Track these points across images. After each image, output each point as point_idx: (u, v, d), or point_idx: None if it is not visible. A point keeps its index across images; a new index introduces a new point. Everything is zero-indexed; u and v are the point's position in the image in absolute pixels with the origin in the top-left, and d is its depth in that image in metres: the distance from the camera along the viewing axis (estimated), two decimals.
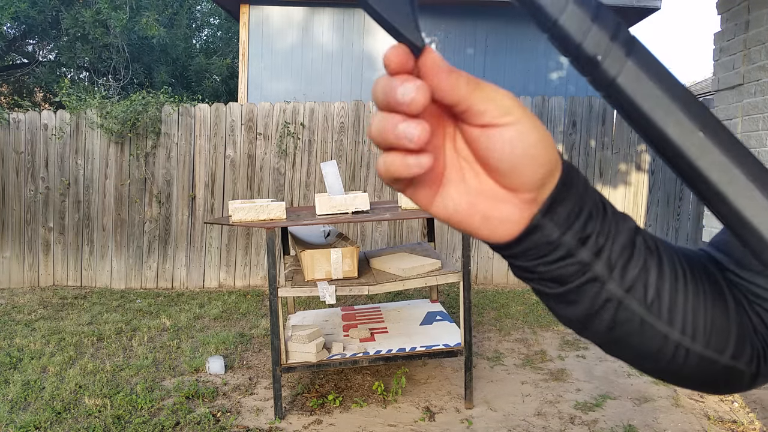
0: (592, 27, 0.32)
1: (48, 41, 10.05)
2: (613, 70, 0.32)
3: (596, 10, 0.33)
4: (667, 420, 3.04)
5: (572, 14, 0.32)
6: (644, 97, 0.32)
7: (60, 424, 3.02)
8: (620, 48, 0.32)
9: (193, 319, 4.91)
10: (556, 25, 0.33)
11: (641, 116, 0.33)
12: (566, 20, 0.32)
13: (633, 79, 0.32)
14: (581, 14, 0.32)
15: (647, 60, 0.33)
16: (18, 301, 5.49)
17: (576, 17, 0.32)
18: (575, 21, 0.32)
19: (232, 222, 3.00)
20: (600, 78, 0.33)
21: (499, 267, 6.07)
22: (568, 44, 0.33)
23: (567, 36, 0.33)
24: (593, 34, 0.32)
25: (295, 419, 3.08)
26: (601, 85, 0.33)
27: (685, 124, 0.32)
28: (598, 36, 0.32)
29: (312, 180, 5.99)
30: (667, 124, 0.32)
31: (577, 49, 0.33)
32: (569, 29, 0.32)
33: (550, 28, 0.33)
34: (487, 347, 4.15)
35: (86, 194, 5.98)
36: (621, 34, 0.33)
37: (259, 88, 7.22)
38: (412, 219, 5.89)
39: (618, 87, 0.32)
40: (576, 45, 0.33)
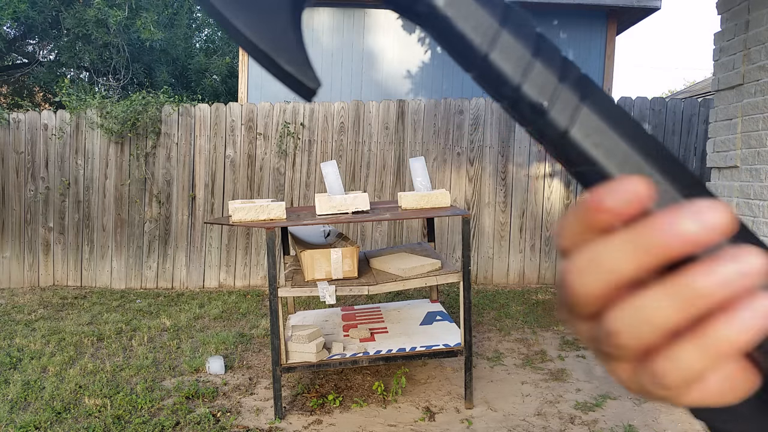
0: (534, 63, 0.26)
1: (48, 41, 10.05)
2: (565, 119, 0.26)
3: (537, 41, 0.27)
4: (667, 420, 3.04)
5: (506, 47, 0.27)
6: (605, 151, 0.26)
7: (60, 424, 3.02)
8: (571, 90, 0.27)
9: (193, 319, 4.91)
10: (486, 60, 0.27)
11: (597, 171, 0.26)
12: (499, 55, 0.26)
13: (590, 129, 0.26)
14: (517, 47, 0.26)
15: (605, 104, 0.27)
16: (18, 301, 5.49)
17: (512, 51, 0.26)
18: (511, 56, 0.26)
19: (232, 222, 3.00)
20: (546, 129, 0.27)
21: (499, 267, 6.07)
22: (504, 85, 0.27)
23: (500, 74, 0.27)
24: (536, 73, 0.26)
25: (295, 419, 3.08)
26: (547, 138, 0.27)
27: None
28: (543, 75, 0.26)
29: (312, 180, 5.99)
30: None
31: (516, 92, 0.27)
32: (503, 66, 0.26)
33: (480, 63, 0.27)
34: (487, 347, 4.15)
35: (86, 194, 5.98)
36: (570, 72, 0.27)
37: (259, 88, 7.22)
38: (412, 219, 5.90)
39: (571, 140, 0.26)
40: (514, 87, 0.27)
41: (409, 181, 5.93)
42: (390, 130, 5.98)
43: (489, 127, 5.95)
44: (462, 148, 5.97)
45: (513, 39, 0.27)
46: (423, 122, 5.97)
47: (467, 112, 5.96)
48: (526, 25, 0.27)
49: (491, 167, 5.97)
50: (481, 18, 0.27)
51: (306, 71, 0.26)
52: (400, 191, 4.77)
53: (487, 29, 0.27)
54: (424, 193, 3.28)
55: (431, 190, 3.34)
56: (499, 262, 6.07)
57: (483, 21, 0.27)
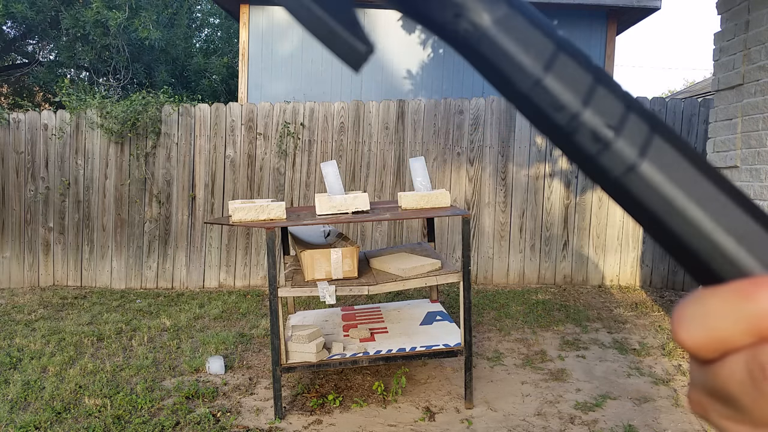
0: (597, 88, 0.24)
1: (48, 41, 10.05)
2: (633, 152, 0.23)
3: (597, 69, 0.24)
4: (667, 420, 3.04)
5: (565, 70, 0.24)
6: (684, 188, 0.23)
7: (60, 424, 3.02)
8: (642, 119, 0.23)
9: (193, 319, 4.91)
10: (539, 84, 0.24)
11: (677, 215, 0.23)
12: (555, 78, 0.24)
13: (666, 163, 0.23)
14: (578, 71, 0.24)
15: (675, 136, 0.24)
16: (18, 301, 5.49)
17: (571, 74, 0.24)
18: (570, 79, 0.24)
19: (232, 222, 3.00)
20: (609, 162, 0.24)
21: (499, 267, 6.07)
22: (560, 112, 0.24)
23: (556, 100, 0.24)
24: (599, 98, 0.24)
25: (295, 419, 3.08)
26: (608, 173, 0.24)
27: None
28: (608, 101, 0.24)
29: (312, 180, 5.99)
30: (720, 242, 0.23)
31: (575, 120, 0.24)
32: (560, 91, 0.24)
33: (531, 87, 0.24)
34: (487, 347, 4.14)
35: (86, 194, 5.98)
36: (635, 102, 0.24)
37: (259, 88, 7.22)
38: (412, 219, 5.90)
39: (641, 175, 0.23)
40: (573, 113, 0.24)
41: (409, 181, 5.93)
42: (390, 130, 5.98)
43: (489, 127, 5.95)
44: (462, 148, 5.97)
45: (572, 62, 0.24)
46: (423, 122, 5.97)
47: (467, 112, 5.96)
48: (582, 54, 0.25)
49: (491, 167, 5.97)
50: (536, 39, 0.24)
51: (357, 31, 0.24)
52: (400, 191, 4.77)
53: (542, 51, 0.24)
54: (424, 193, 3.28)
55: (431, 190, 3.34)
56: (499, 262, 6.06)
57: (537, 42, 0.24)
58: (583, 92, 0.24)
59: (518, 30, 0.24)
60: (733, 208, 0.23)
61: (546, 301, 5.34)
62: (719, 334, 0.22)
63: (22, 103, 7.93)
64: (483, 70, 0.26)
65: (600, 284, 6.03)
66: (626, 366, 3.77)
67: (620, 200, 0.24)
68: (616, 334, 4.41)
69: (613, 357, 3.94)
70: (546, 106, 0.24)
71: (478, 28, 0.25)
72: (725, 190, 0.23)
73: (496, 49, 0.25)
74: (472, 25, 0.25)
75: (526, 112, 0.25)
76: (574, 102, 0.24)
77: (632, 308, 5.15)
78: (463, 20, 0.25)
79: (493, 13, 0.25)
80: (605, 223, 6.00)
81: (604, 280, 6.05)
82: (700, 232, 0.23)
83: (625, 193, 0.24)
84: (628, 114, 0.24)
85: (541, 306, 5.16)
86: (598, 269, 6.05)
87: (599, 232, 6.01)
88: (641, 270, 6.03)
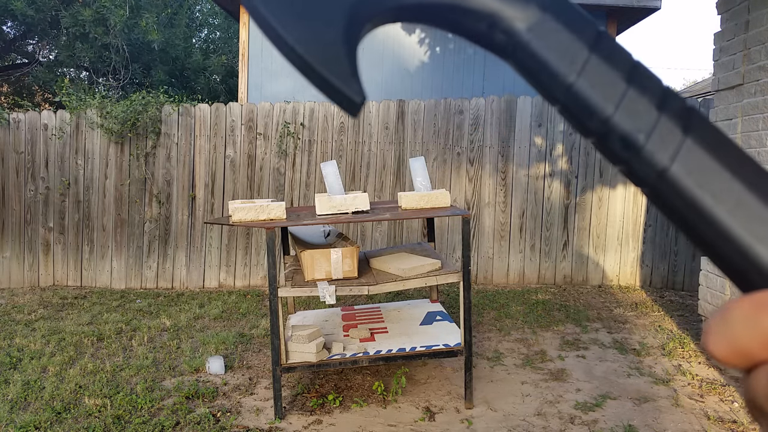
0: (628, 91, 0.23)
1: (48, 41, 10.05)
2: (664, 156, 0.23)
3: (632, 67, 0.24)
4: (667, 420, 3.04)
5: (595, 73, 0.24)
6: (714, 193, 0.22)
7: (60, 424, 3.02)
8: (674, 121, 0.23)
9: (193, 319, 4.91)
10: (571, 89, 0.24)
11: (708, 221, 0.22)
12: (586, 83, 0.24)
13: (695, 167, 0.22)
14: (610, 73, 0.23)
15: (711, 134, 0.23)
16: (18, 301, 5.49)
17: (602, 78, 0.24)
18: (600, 83, 0.23)
19: (232, 222, 3.00)
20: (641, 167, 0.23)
21: (499, 267, 6.07)
22: (591, 117, 0.24)
23: (587, 105, 0.24)
24: (629, 101, 0.23)
25: (295, 419, 3.08)
26: (642, 178, 0.24)
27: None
28: (638, 104, 0.23)
29: (312, 180, 5.99)
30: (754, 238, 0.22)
31: (605, 125, 0.24)
32: (590, 96, 0.24)
33: (564, 93, 0.24)
34: (487, 347, 4.14)
35: (86, 194, 5.98)
36: (671, 101, 0.23)
37: (259, 88, 7.22)
38: (412, 219, 5.89)
39: (671, 180, 0.23)
40: (603, 118, 0.24)
41: (409, 181, 5.93)
42: (390, 130, 5.98)
43: (489, 127, 5.95)
44: (462, 148, 5.97)
45: (604, 65, 0.24)
46: (423, 122, 5.97)
47: (467, 112, 5.96)
48: (619, 51, 0.24)
49: (491, 167, 5.97)
50: (569, 43, 0.24)
51: (350, 82, 0.24)
52: (400, 191, 4.77)
53: (574, 56, 0.24)
54: (424, 193, 3.28)
55: (431, 190, 3.34)
56: (499, 262, 6.06)
57: (570, 47, 0.24)
58: (614, 96, 0.23)
59: (550, 35, 0.24)
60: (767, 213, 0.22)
61: (546, 301, 5.34)
62: (742, 346, 0.22)
63: (22, 103, 7.93)
64: (523, 75, 0.26)
65: (600, 284, 6.03)
66: (626, 366, 3.77)
67: (657, 205, 0.24)
68: (616, 334, 4.41)
69: (613, 357, 3.94)
70: (578, 112, 0.24)
71: (512, 36, 0.25)
72: (760, 193, 0.22)
73: (530, 56, 0.25)
74: (505, 34, 0.25)
75: (564, 116, 0.25)
76: (605, 107, 0.23)
77: (632, 308, 5.15)
78: (496, 30, 0.25)
79: (525, 20, 0.25)
80: (605, 223, 6.00)
81: (604, 280, 6.05)
82: (730, 241, 0.22)
83: (658, 198, 0.24)
84: (660, 115, 0.23)
85: (541, 306, 5.16)
86: (598, 269, 6.05)
87: (599, 232, 6.01)
88: (641, 270, 6.03)
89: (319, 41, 0.25)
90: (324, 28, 0.25)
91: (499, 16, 0.25)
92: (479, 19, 0.26)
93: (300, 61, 0.24)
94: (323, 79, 0.24)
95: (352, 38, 0.25)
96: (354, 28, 0.26)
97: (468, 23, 0.26)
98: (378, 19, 0.27)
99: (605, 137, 0.24)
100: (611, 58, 0.24)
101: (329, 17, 0.25)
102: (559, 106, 0.25)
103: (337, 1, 0.26)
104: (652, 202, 0.24)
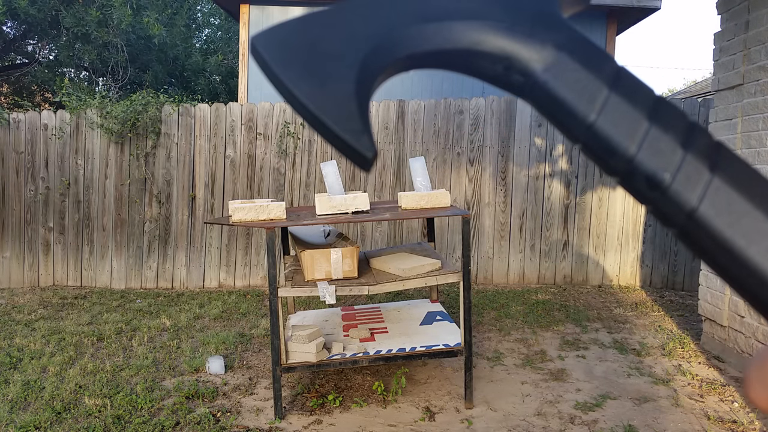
0: (651, 129, 0.22)
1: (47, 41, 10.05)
2: (692, 196, 0.22)
3: (655, 103, 0.23)
4: (667, 420, 3.04)
5: (616, 111, 0.23)
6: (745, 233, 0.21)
7: (60, 424, 3.02)
8: (700, 159, 0.22)
9: (193, 319, 4.91)
10: (591, 129, 0.23)
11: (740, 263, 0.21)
12: (607, 122, 0.23)
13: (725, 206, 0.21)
14: (631, 111, 0.22)
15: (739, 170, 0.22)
16: (18, 301, 5.49)
17: (623, 116, 0.22)
18: (622, 122, 0.22)
19: (232, 222, 3.00)
20: (668, 207, 0.22)
21: (499, 267, 6.07)
22: (613, 157, 0.23)
23: (609, 145, 0.23)
24: (653, 139, 0.22)
25: (295, 419, 3.08)
26: (670, 218, 0.23)
27: None
28: (662, 142, 0.22)
29: (312, 180, 5.99)
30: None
31: (629, 165, 0.22)
32: (612, 135, 0.23)
33: (584, 132, 0.23)
34: (487, 347, 4.14)
35: (86, 194, 5.98)
36: (697, 137, 0.22)
37: (259, 88, 7.22)
38: (412, 219, 5.90)
39: (700, 220, 0.22)
40: (626, 158, 0.22)
41: (409, 181, 5.93)
42: (390, 130, 5.98)
43: (489, 127, 5.95)
44: (462, 148, 5.97)
45: (624, 103, 0.23)
46: (423, 122, 5.97)
47: (467, 112, 5.96)
48: (640, 88, 0.23)
49: (491, 167, 5.97)
50: (587, 82, 0.23)
51: (361, 139, 0.24)
52: (400, 191, 4.77)
53: (593, 94, 0.23)
54: (424, 193, 3.28)
55: (431, 190, 3.34)
56: (499, 262, 6.06)
57: (589, 85, 0.23)
58: (636, 134, 0.23)
59: (568, 74, 0.24)
60: None
61: (546, 301, 5.34)
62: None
63: (22, 103, 7.93)
64: (542, 114, 0.25)
65: (600, 284, 6.03)
66: (626, 366, 3.77)
67: (687, 245, 0.23)
68: (616, 334, 4.41)
69: (613, 357, 3.94)
70: (600, 151, 0.23)
71: (528, 77, 0.25)
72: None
73: (547, 95, 0.24)
74: (522, 75, 0.25)
75: (586, 155, 0.24)
76: (628, 146, 0.23)
77: (632, 308, 5.15)
78: (513, 72, 0.25)
79: (542, 61, 0.24)
80: (605, 223, 6.00)
81: (604, 280, 6.05)
82: (764, 282, 0.21)
83: (688, 238, 0.23)
84: (686, 153, 0.22)
85: (541, 306, 5.16)
86: (598, 269, 6.05)
87: (599, 232, 6.01)
88: (641, 270, 6.03)
89: (329, 97, 0.25)
90: (335, 84, 0.25)
91: (515, 58, 0.25)
92: (495, 61, 0.25)
93: (311, 117, 0.24)
94: (335, 135, 0.24)
95: (363, 92, 0.25)
96: (365, 82, 0.25)
97: (484, 66, 0.26)
98: (390, 70, 0.27)
99: (630, 177, 0.23)
100: (632, 96, 0.23)
101: (340, 72, 0.25)
102: (580, 144, 0.24)
103: (348, 56, 0.25)
104: (682, 242, 0.23)
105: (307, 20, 0.27)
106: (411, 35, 0.26)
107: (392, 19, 0.26)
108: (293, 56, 0.26)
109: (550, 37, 0.24)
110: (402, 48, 0.26)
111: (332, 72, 0.25)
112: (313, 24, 0.27)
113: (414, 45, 0.26)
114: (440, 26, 0.26)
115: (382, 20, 0.26)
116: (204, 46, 11.83)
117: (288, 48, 0.26)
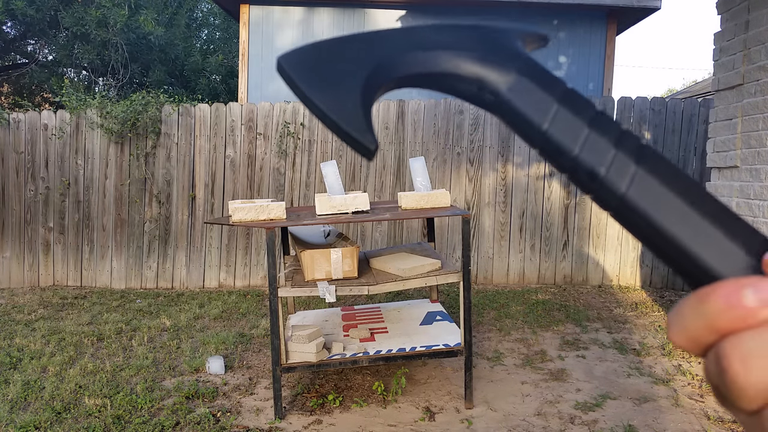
0: (590, 134, 0.29)
1: (47, 41, 10.05)
2: (622, 184, 0.28)
3: (594, 114, 0.29)
4: (667, 420, 3.04)
5: (563, 121, 0.30)
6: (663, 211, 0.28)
7: (60, 424, 3.02)
8: (628, 156, 0.28)
9: (193, 319, 4.91)
10: (545, 135, 0.30)
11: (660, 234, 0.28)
12: (556, 129, 0.29)
13: (647, 191, 0.28)
14: (575, 121, 0.29)
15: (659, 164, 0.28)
16: (18, 301, 5.49)
17: (569, 125, 0.29)
18: (568, 129, 0.29)
19: (232, 222, 3.00)
20: (604, 194, 0.29)
21: (499, 267, 6.07)
22: (562, 156, 0.29)
23: (558, 147, 0.29)
24: (591, 142, 0.29)
25: (295, 419, 3.08)
26: (607, 202, 0.29)
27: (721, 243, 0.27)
28: (599, 143, 0.29)
29: (312, 180, 5.99)
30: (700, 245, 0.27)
31: (574, 162, 0.29)
32: (560, 139, 0.29)
33: (539, 138, 0.30)
34: (487, 347, 4.14)
35: (86, 194, 5.98)
36: (626, 139, 0.29)
37: (259, 88, 7.22)
38: (412, 219, 5.89)
39: (629, 203, 0.28)
40: (571, 157, 0.29)
41: (409, 181, 5.93)
42: (390, 130, 5.98)
43: (489, 127, 5.95)
44: (462, 148, 5.97)
45: (570, 115, 0.30)
46: (423, 122, 5.97)
47: (467, 112, 5.96)
48: (583, 103, 0.30)
49: (491, 167, 5.97)
50: (541, 99, 0.30)
51: (364, 133, 0.30)
52: (400, 191, 4.77)
53: (546, 109, 0.30)
54: (424, 193, 3.28)
55: (431, 190, 3.34)
56: (499, 262, 6.06)
57: (542, 101, 0.30)
58: (579, 138, 0.29)
59: (527, 93, 0.31)
60: (706, 226, 0.27)
61: (546, 301, 5.34)
62: (692, 334, 0.26)
63: (22, 103, 7.93)
64: (508, 126, 0.32)
65: (600, 284, 6.03)
66: (626, 366, 3.77)
67: (621, 224, 0.30)
68: (616, 334, 4.41)
69: (613, 357, 3.94)
70: (552, 152, 0.30)
71: (497, 95, 0.32)
72: (700, 209, 0.27)
73: (511, 110, 0.31)
74: (492, 94, 0.32)
75: (542, 156, 0.31)
76: (572, 147, 0.29)
77: (632, 308, 5.15)
78: (485, 92, 0.32)
79: (506, 83, 0.31)
80: (605, 223, 6.00)
81: (604, 280, 6.05)
82: (679, 249, 0.28)
83: (621, 218, 0.29)
84: (617, 152, 0.29)
85: (541, 306, 5.16)
86: (598, 269, 6.05)
87: (599, 232, 6.01)
88: (641, 270, 6.03)
89: (341, 104, 0.31)
90: (345, 94, 0.32)
91: (485, 80, 0.32)
92: (470, 83, 0.33)
93: (327, 119, 0.31)
94: (345, 132, 0.31)
95: (367, 101, 0.32)
96: (368, 94, 0.32)
97: (461, 87, 0.33)
98: (388, 86, 0.34)
99: (575, 171, 0.30)
100: (576, 109, 0.30)
101: (349, 85, 0.32)
102: (538, 148, 0.31)
103: (355, 73, 0.32)
104: (617, 221, 0.30)
105: (322, 45, 0.34)
106: (405, 60, 0.34)
107: (391, 47, 0.34)
108: (312, 72, 0.33)
109: (514, 64, 0.32)
110: (398, 69, 0.34)
111: (343, 85, 0.32)
112: (328, 48, 0.34)
113: (407, 68, 0.34)
114: (428, 54, 0.34)
115: (383, 47, 0.34)
116: (204, 46, 11.82)
117: (308, 66, 0.33)
